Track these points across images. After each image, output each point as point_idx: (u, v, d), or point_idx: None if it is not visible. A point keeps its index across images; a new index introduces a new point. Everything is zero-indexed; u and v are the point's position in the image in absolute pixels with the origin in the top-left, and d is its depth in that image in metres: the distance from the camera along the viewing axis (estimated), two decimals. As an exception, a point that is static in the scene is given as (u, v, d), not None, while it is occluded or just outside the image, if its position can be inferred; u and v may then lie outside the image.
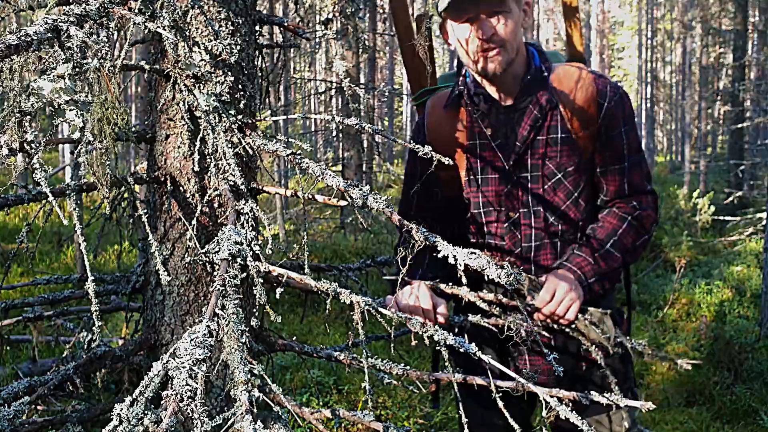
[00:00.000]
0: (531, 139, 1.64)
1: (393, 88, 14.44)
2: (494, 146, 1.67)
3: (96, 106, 1.14)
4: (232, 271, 1.11)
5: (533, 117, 1.64)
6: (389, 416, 3.88)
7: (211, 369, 1.63)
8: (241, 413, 0.86)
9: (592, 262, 1.62)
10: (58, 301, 1.94)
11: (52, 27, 1.04)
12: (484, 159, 1.69)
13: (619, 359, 1.76)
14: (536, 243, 1.68)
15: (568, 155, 1.65)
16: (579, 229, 1.70)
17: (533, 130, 1.64)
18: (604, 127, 1.64)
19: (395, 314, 1.35)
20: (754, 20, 15.01)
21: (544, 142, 1.64)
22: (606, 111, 1.63)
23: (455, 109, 1.72)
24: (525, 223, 1.67)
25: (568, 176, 1.65)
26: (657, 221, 1.74)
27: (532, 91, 1.64)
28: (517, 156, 1.65)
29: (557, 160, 1.65)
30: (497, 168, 1.68)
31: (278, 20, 1.89)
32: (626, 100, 1.67)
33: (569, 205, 1.67)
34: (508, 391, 1.40)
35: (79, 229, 1.20)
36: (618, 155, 1.67)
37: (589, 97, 1.63)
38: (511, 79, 1.64)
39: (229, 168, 1.47)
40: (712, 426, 4.07)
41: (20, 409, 1.38)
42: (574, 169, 1.65)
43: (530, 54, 1.67)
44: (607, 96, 1.64)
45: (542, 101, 1.63)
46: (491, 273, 1.30)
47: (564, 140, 1.64)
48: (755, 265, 8.13)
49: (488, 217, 1.71)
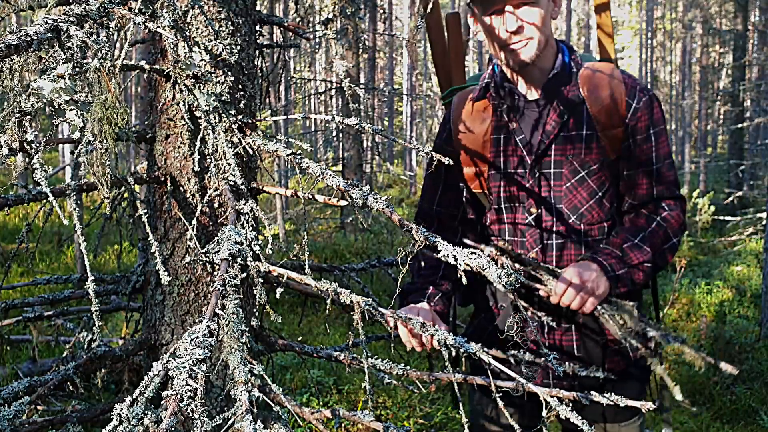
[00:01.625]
0: (555, 134, 1.61)
1: (393, 88, 14.45)
2: (518, 140, 1.64)
3: (96, 106, 1.14)
4: (232, 271, 1.11)
5: (559, 112, 1.61)
6: (389, 416, 3.88)
7: (211, 369, 1.63)
8: (241, 413, 0.86)
9: (619, 254, 1.57)
10: (58, 301, 1.94)
11: (52, 27, 1.04)
12: (507, 153, 1.66)
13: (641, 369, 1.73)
14: (558, 241, 1.64)
15: (592, 153, 1.61)
16: (603, 231, 1.65)
17: (558, 125, 1.61)
18: (631, 128, 1.61)
19: (396, 315, 1.35)
20: (754, 20, 15.01)
21: (569, 138, 1.61)
22: (634, 111, 1.60)
23: (481, 101, 1.69)
24: (546, 220, 1.64)
25: (592, 174, 1.62)
26: (686, 227, 1.70)
27: (559, 86, 1.62)
28: (541, 151, 1.62)
29: (581, 157, 1.61)
30: (520, 163, 1.65)
31: (278, 20, 1.89)
32: (656, 104, 1.63)
33: (592, 204, 1.63)
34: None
35: (79, 229, 1.20)
36: (647, 158, 1.64)
37: (617, 96, 1.60)
38: (538, 72, 1.61)
39: (229, 168, 1.47)
40: (712, 426, 4.07)
41: (20, 409, 1.38)
42: (598, 168, 1.62)
43: (559, 48, 1.65)
44: (636, 96, 1.61)
45: (569, 96, 1.61)
46: (491, 273, 1.30)
47: (589, 137, 1.61)
48: (755, 265, 8.13)
49: (509, 213, 1.68)
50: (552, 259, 1.65)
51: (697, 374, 4.60)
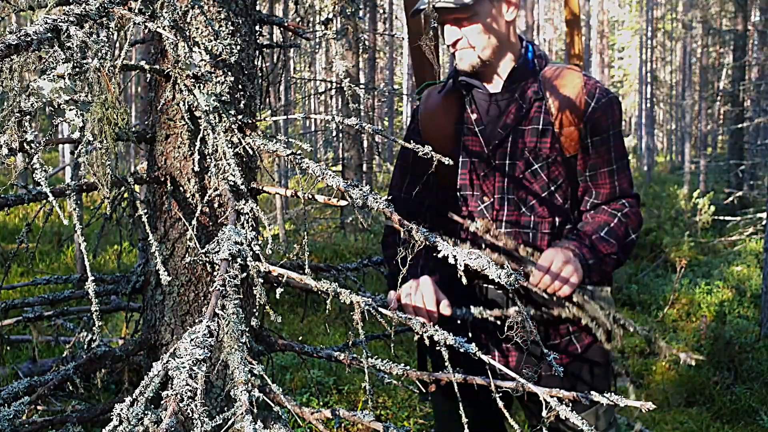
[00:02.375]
0: (513, 126, 1.68)
1: (393, 88, 14.44)
2: (477, 131, 1.71)
3: (96, 106, 1.14)
4: (232, 271, 1.11)
5: (518, 106, 1.68)
6: (389, 416, 3.88)
7: (211, 369, 1.63)
8: (241, 413, 0.86)
9: (588, 245, 1.62)
10: (58, 301, 1.95)
11: (52, 27, 1.04)
12: (467, 143, 1.73)
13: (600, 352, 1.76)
14: (507, 231, 1.70)
15: (548, 147, 1.67)
16: (553, 226, 1.70)
17: (516, 118, 1.68)
18: (590, 128, 1.66)
19: (396, 314, 1.35)
20: (754, 20, 15.01)
21: (526, 131, 1.68)
22: (593, 111, 1.66)
23: (447, 95, 1.78)
24: (498, 209, 1.70)
25: (545, 168, 1.68)
26: (641, 224, 1.76)
27: (520, 81, 1.69)
28: (498, 142, 1.69)
29: (536, 150, 1.67)
30: (477, 153, 1.71)
31: (278, 20, 1.89)
32: (615, 106, 1.69)
33: (544, 197, 1.69)
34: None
35: (79, 229, 1.20)
36: (607, 159, 1.70)
37: (576, 96, 1.66)
38: (493, 70, 1.70)
39: (229, 168, 1.47)
40: (712, 426, 4.07)
41: (20, 409, 1.38)
42: (552, 162, 1.68)
43: (524, 47, 1.73)
44: (595, 97, 1.66)
45: (529, 91, 1.68)
46: (491, 273, 1.30)
47: (545, 132, 1.67)
48: (755, 265, 8.14)
49: (465, 201, 1.74)
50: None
51: (697, 374, 4.60)
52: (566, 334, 1.74)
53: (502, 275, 1.30)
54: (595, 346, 1.76)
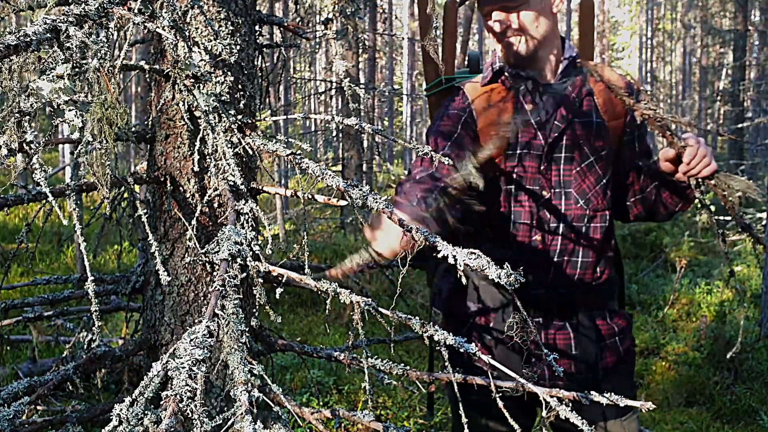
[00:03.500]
0: (570, 119, 1.66)
1: (393, 88, 14.45)
2: (533, 123, 1.67)
3: (96, 107, 1.14)
4: (232, 271, 1.11)
5: (572, 99, 1.67)
6: (389, 416, 3.88)
7: (211, 369, 1.63)
8: (241, 413, 0.86)
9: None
10: (58, 301, 1.94)
11: (52, 27, 1.04)
12: (524, 135, 1.68)
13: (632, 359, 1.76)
14: (564, 225, 1.67)
15: (600, 141, 1.68)
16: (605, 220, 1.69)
17: (572, 111, 1.67)
18: (632, 120, 1.71)
19: (395, 314, 1.35)
20: (754, 20, 15.01)
21: (581, 124, 1.67)
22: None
23: (494, 86, 1.72)
24: (556, 203, 1.67)
25: (599, 161, 1.68)
26: None
27: (572, 74, 1.69)
28: (558, 134, 1.66)
29: (591, 143, 1.67)
30: (535, 145, 1.67)
31: (278, 20, 1.89)
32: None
33: (598, 190, 1.68)
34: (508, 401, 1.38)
35: (79, 229, 1.20)
36: (648, 151, 1.76)
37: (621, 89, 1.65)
38: (541, 64, 1.68)
39: (228, 168, 1.47)
40: (712, 426, 4.07)
41: (20, 409, 1.38)
42: (605, 155, 1.68)
43: (565, 43, 1.72)
44: (634, 91, 1.70)
45: (580, 85, 1.69)
46: (491, 273, 1.30)
47: (599, 125, 1.68)
48: (755, 265, 8.13)
49: (520, 195, 1.69)
50: (557, 243, 1.66)
51: (697, 374, 4.60)
52: (613, 336, 1.72)
53: (502, 275, 1.30)
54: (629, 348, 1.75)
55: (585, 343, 1.67)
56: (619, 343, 1.72)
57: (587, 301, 1.68)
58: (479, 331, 1.72)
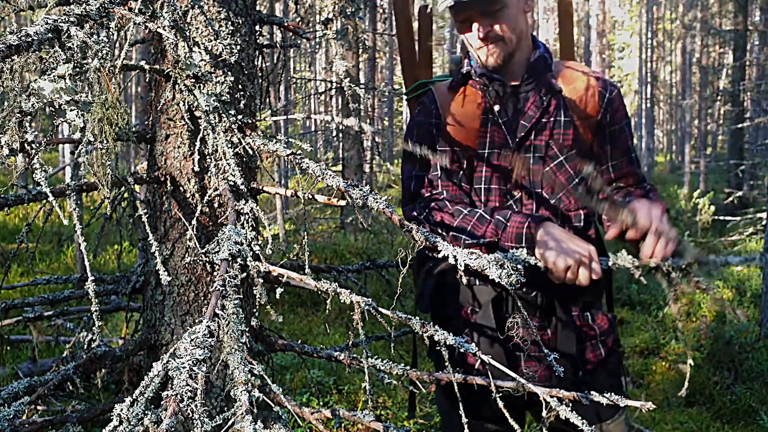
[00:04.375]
0: (537, 118, 1.67)
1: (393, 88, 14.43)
2: (501, 123, 1.69)
3: (96, 107, 1.14)
4: (232, 271, 1.11)
5: (539, 98, 1.68)
6: (389, 416, 3.88)
7: (211, 369, 1.63)
8: (241, 413, 0.86)
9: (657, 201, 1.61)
10: (58, 301, 1.94)
11: (53, 27, 1.04)
12: (492, 136, 1.70)
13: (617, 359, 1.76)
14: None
15: (570, 139, 1.68)
16: (579, 219, 1.71)
17: (539, 110, 1.67)
18: (609, 117, 1.70)
19: (395, 314, 1.35)
20: (754, 20, 15.01)
21: (549, 123, 1.68)
22: (609, 102, 1.70)
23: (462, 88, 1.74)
24: (527, 203, 1.68)
25: (570, 160, 1.68)
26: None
27: (538, 75, 1.69)
28: (523, 134, 1.67)
29: (560, 142, 1.68)
30: (502, 145, 1.69)
31: (278, 20, 1.89)
32: (622, 96, 1.75)
33: (570, 190, 1.69)
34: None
35: (79, 229, 1.20)
36: (625, 148, 1.74)
37: (590, 87, 1.69)
38: (515, 64, 1.69)
39: (229, 168, 1.47)
40: (712, 426, 4.07)
41: (20, 409, 1.38)
42: (575, 154, 1.68)
43: (536, 42, 1.73)
44: (607, 88, 1.71)
45: (548, 84, 1.68)
46: (492, 273, 1.30)
47: (567, 124, 1.68)
48: (755, 265, 8.13)
49: (490, 194, 1.71)
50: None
51: (697, 374, 4.60)
52: (594, 337, 1.73)
53: (503, 275, 1.30)
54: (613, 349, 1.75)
55: (565, 344, 1.67)
56: (601, 345, 1.73)
57: (566, 302, 1.69)
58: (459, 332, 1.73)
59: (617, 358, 1.77)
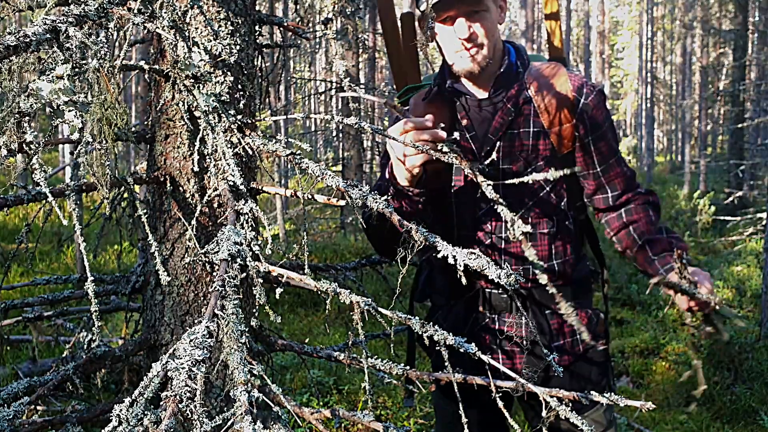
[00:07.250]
0: (504, 131, 1.67)
1: (393, 88, 14.43)
2: (468, 137, 1.69)
3: (95, 107, 1.14)
4: (231, 271, 1.11)
5: (506, 110, 1.67)
6: (389, 416, 3.88)
7: (210, 369, 1.63)
8: (240, 413, 0.86)
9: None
10: (58, 301, 1.94)
11: (51, 28, 1.04)
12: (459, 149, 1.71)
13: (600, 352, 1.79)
14: (506, 235, 1.70)
15: (540, 149, 1.67)
16: (551, 225, 1.71)
17: (505, 123, 1.67)
18: (587, 124, 1.68)
19: (395, 314, 1.35)
20: (754, 20, 15.01)
21: (517, 135, 1.67)
22: (584, 107, 1.67)
23: (434, 102, 1.74)
24: (495, 215, 1.69)
25: (539, 170, 1.67)
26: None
27: (506, 85, 1.68)
28: (489, 147, 1.68)
29: (528, 153, 1.67)
30: (470, 159, 1.70)
31: (278, 20, 1.89)
32: (603, 98, 1.71)
33: (541, 198, 1.69)
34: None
35: (79, 229, 1.20)
36: (610, 150, 1.73)
37: (564, 93, 1.66)
38: (486, 75, 1.68)
39: (228, 168, 1.47)
40: (712, 426, 4.07)
41: (20, 409, 1.38)
42: (545, 163, 1.67)
43: (506, 50, 1.71)
44: (583, 93, 1.68)
45: (516, 95, 1.67)
46: (491, 273, 1.30)
47: (537, 135, 1.67)
48: (755, 265, 8.13)
49: (461, 208, 1.72)
50: (500, 250, 1.70)
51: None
52: (571, 334, 1.75)
53: (502, 275, 1.30)
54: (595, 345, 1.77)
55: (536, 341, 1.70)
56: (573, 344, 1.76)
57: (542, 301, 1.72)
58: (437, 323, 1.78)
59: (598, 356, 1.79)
